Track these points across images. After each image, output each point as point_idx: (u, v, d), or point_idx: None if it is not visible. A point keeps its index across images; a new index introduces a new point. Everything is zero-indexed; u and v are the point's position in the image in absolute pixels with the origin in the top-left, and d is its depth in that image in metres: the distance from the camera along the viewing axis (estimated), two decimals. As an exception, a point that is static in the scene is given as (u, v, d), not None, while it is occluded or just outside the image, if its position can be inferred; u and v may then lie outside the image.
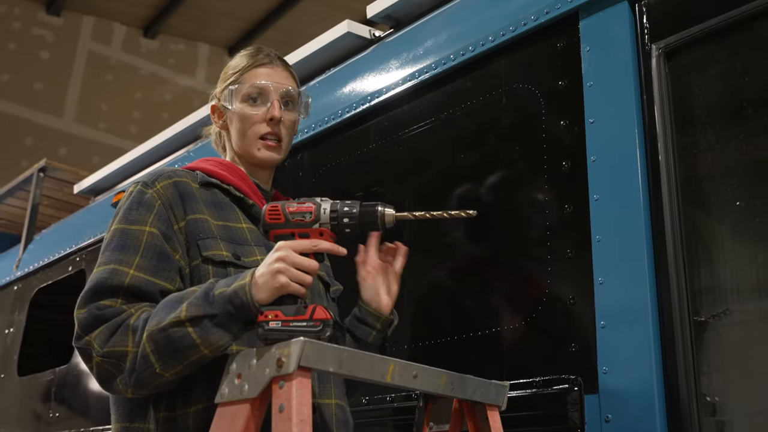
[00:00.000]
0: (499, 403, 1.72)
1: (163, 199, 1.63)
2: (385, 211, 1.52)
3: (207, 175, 1.73)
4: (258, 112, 1.77)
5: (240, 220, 1.71)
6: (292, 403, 1.29)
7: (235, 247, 1.64)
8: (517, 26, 2.14)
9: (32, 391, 4.06)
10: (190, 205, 1.65)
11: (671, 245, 1.72)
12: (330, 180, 2.64)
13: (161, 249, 1.59)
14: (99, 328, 1.49)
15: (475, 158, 2.20)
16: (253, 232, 1.70)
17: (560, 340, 1.86)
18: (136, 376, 1.46)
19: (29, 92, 10.86)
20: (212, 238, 1.63)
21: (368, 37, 2.87)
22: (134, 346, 1.46)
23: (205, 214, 1.66)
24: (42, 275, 4.35)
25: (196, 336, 1.43)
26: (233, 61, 1.86)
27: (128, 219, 1.61)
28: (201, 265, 1.60)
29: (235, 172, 1.77)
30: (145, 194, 1.64)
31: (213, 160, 1.80)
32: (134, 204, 1.63)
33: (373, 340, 1.79)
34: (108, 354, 1.47)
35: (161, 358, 1.44)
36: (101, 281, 1.54)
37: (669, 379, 1.66)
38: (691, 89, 1.85)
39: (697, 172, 1.83)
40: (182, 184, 1.67)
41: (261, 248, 1.68)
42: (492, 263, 2.10)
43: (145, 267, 1.56)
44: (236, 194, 1.74)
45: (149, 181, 1.66)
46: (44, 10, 11.18)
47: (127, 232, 1.60)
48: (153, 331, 1.44)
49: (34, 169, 5.00)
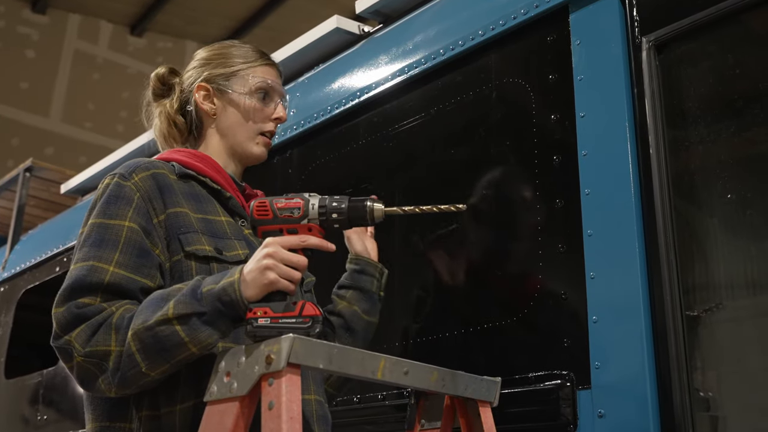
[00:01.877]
0: (491, 399, 1.72)
1: (142, 191, 1.59)
2: (374, 206, 1.51)
3: (183, 166, 1.69)
4: (266, 109, 1.79)
5: (218, 213, 1.68)
6: (282, 400, 1.28)
7: (216, 241, 1.61)
8: (507, 20, 2.13)
9: (20, 393, 4.02)
10: (169, 198, 1.61)
11: (663, 239, 1.71)
12: (320, 176, 2.62)
13: (141, 245, 1.55)
14: (79, 326, 1.45)
15: (466, 153, 2.19)
16: (231, 225, 1.68)
17: (552, 335, 1.85)
18: (121, 375, 1.43)
19: (15, 92, 10.79)
20: (194, 232, 1.59)
21: (357, 32, 2.85)
22: (118, 345, 1.43)
23: (185, 207, 1.62)
24: (29, 276, 4.31)
25: (185, 334, 1.41)
26: (234, 49, 1.83)
27: (106, 213, 1.57)
28: (183, 260, 1.57)
29: (209, 163, 1.73)
30: (123, 187, 1.59)
31: (185, 151, 1.75)
32: (112, 198, 1.58)
33: (376, 290, 1.95)
34: (90, 353, 1.43)
35: (147, 357, 1.41)
36: (80, 278, 1.49)
37: (662, 373, 1.66)
38: (681, 82, 1.84)
39: (689, 166, 1.83)
40: (160, 176, 1.63)
41: (241, 242, 1.66)
42: (483, 259, 2.09)
43: (126, 264, 1.52)
44: (213, 186, 1.70)
45: (126, 173, 1.62)
46: (29, 8, 11.11)
47: (106, 226, 1.55)
48: (139, 330, 1.41)
49: (20, 169, 4.96)
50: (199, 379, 1.49)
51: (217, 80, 1.78)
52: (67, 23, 11.35)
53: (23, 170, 4.93)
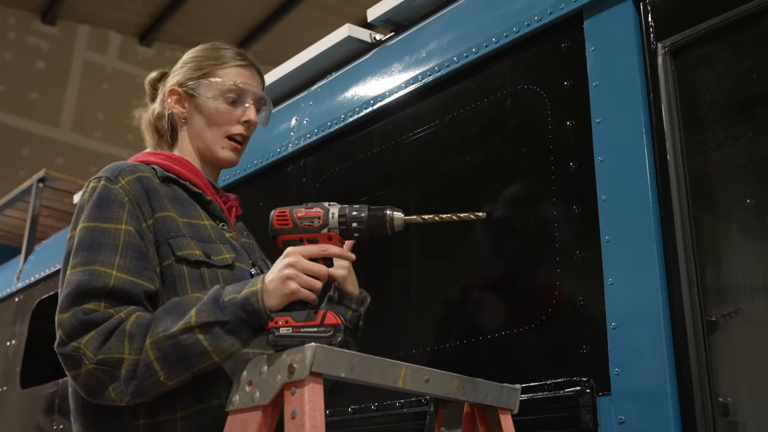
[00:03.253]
0: (511, 406, 1.71)
1: (130, 195, 1.56)
2: (393, 215, 1.50)
3: (163, 170, 1.67)
4: (234, 112, 1.75)
5: (202, 216, 1.67)
6: (305, 409, 1.28)
7: (204, 245, 1.60)
8: (521, 27, 2.13)
9: (35, 403, 4.03)
10: (156, 202, 1.59)
11: (681, 244, 1.71)
12: (334, 185, 2.63)
13: (140, 248, 1.52)
14: (89, 333, 1.41)
15: (481, 161, 2.19)
16: (215, 229, 1.67)
17: (571, 342, 1.84)
18: (137, 384, 1.40)
19: (25, 102, 10.85)
20: (182, 236, 1.58)
21: (369, 41, 2.86)
22: (132, 353, 1.40)
23: (171, 211, 1.60)
24: (43, 286, 4.33)
25: (208, 343, 1.40)
26: (207, 51, 1.81)
27: (99, 217, 1.52)
28: (174, 264, 1.55)
29: (186, 166, 1.71)
30: (111, 191, 1.56)
31: (161, 154, 1.73)
32: (102, 201, 1.55)
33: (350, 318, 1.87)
34: (102, 361, 1.39)
35: (167, 365, 1.40)
36: (83, 283, 1.45)
37: (682, 379, 1.65)
38: (698, 87, 1.84)
39: (706, 170, 1.82)
40: (146, 180, 1.61)
41: (226, 246, 1.65)
42: (501, 266, 2.09)
43: (127, 268, 1.49)
44: (194, 190, 1.69)
45: (112, 176, 1.58)
46: (39, 20, 11.18)
47: (102, 230, 1.51)
48: (159, 339, 1.40)
49: (34, 180, 4.98)
50: (197, 386, 1.48)
51: (188, 84, 1.77)
52: (77, 34, 11.41)
53: (36, 181, 4.95)
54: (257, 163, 2.92)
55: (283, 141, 2.86)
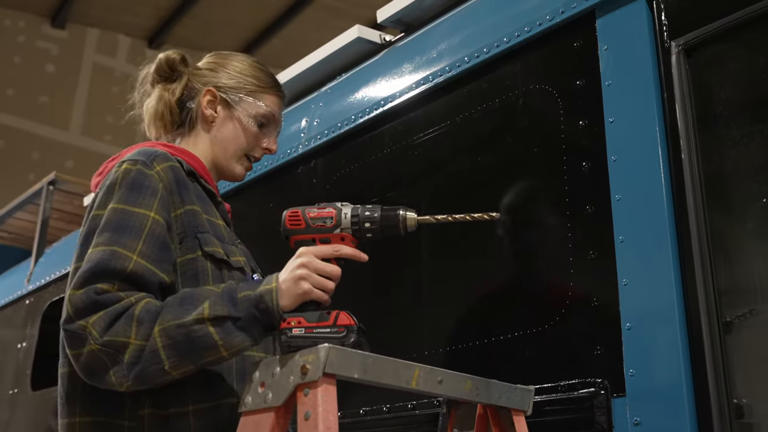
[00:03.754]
0: (524, 407, 1.70)
1: (164, 182, 1.55)
2: (406, 215, 1.49)
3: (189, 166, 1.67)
4: (261, 135, 1.79)
5: (217, 216, 1.68)
6: (318, 410, 1.27)
7: (223, 246, 1.61)
8: (532, 27, 2.12)
9: (46, 405, 4.04)
10: (186, 194, 1.59)
11: (696, 244, 1.69)
12: (344, 186, 2.62)
13: (164, 239, 1.51)
14: (97, 313, 1.38)
15: (493, 161, 2.18)
16: (227, 230, 1.69)
17: (585, 343, 1.83)
18: (139, 370, 1.37)
19: (35, 106, 10.90)
20: (208, 233, 1.58)
21: (379, 41, 2.85)
22: (139, 338, 1.37)
23: (197, 205, 1.61)
24: (54, 289, 4.34)
25: (218, 337, 1.39)
26: (254, 69, 1.82)
27: (130, 200, 1.51)
28: (199, 259, 1.55)
29: (201, 166, 1.72)
30: (146, 176, 1.54)
31: (177, 148, 1.71)
32: (136, 185, 1.53)
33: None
34: (107, 343, 1.37)
35: (174, 354, 1.37)
36: (102, 262, 1.43)
37: (698, 380, 1.64)
38: (712, 86, 1.82)
39: (721, 170, 1.80)
40: (177, 170, 1.60)
41: (239, 249, 1.68)
42: (514, 267, 2.08)
43: (148, 255, 1.47)
44: (209, 188, 1.70)
45: (148, 161, 1.57)
46: (49, 24, 11.24)
47: (130, 213, 1.49)
48: (169, 327, 1.38)
49: (44, 183, 4.99)
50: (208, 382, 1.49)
51: (228, 92, 1.77)
52: (86, 37, 11.46)
53: (47, 183, 4.97)
54: (268, 164, 2.91)
55: (293, 142, 2.85)
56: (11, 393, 4.44)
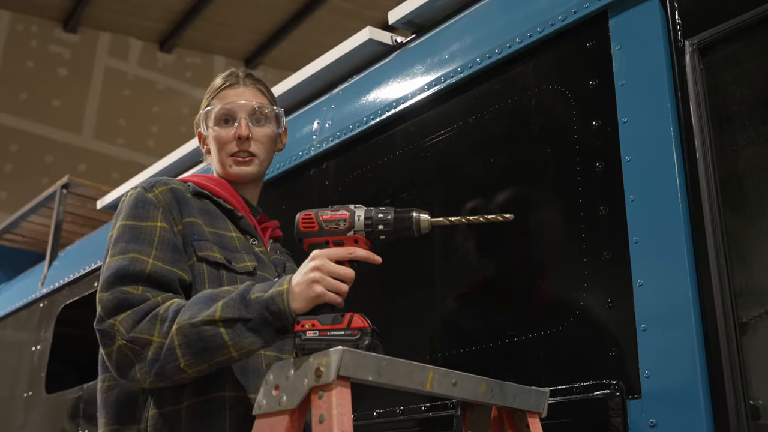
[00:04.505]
0: (539, 410, 1.69)
1: (163, 204, 1.68)
2: (420, 217, 1.49)
3: (197, 187, 1.78)
4: (228, 132, 1.83)
5: (230, 229, 1.76)
6: (333, 413, 1.27)
7: (227, 253, 1.69)
8: (545, 27, 2.11)
9: (61, 408, 4.06)
10: (185, 209, 1.70)
11: (712, 244, 1.68)
12: (356, 188, 2.62)
13: (174, 242, 1.63)
14: (125, 312, 1.50)
15: (506, 162, 2.17)
16: (241, 240, 1.76)
17: (600, 344, 1.82)
18: (159, 367, 1.46)
19: (48, 110, 10.95)
20: (206, 241, 1.68)
21: (390, 43, 2.85)
22: (160, 336, 1.46)
23: (198, 219, 1.70)
24: (67, 291, 4.36)
25: (228, 338, 1.43)
26: (211, 85, 1.91)
27: (136, 216, 1.65)
28: (196, 264, 1.64)
29: (223, 186, 1.82)
30: (146, 196, 1.68)
31: (203, 176, 1.84)
32: (140, 203, 1.67)
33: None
34: (133, 339, 1.47)
35: (188, 353, 1.44)
36: (123, 267, 1.55)
37: (714, 381, 1.62)
38: (727, 85, 1.81)
39: (736, 169, 1.79)
40: (177, 191, 1.72)
41: (250, 255, 1.73)
42: (528, 268, 2.07)
43: (162, 258, 1.59)
44: (226, 206, 1.78)
45: (147, 186, 1.71)
46: (61, 28, 11.29)
47: (138, 227, 1.63)
48: (183, 326, 1.45)
49: (57, 186, 5.01)
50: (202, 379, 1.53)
51: (200, 122, 1.89)
52: (98, 41, 11.50)
53: (60, 187, 4.98)
54: (279, 167, 2.91)
55: (305, 144, 2.85)
56: (26, 396, 4.46)
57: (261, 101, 1.86)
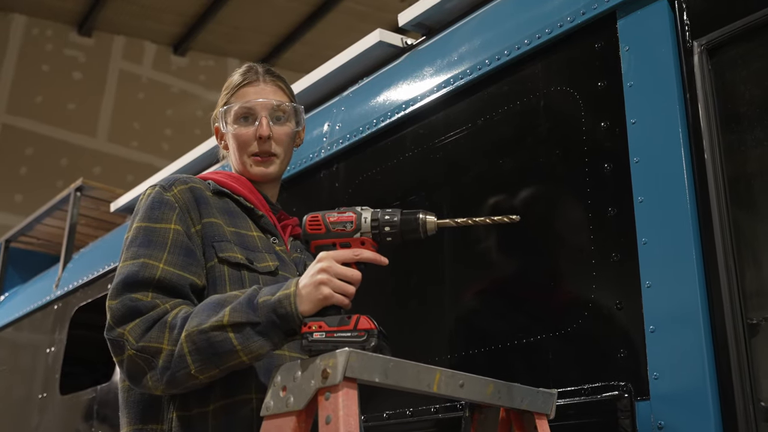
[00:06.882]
0: (547, 411, 1.69)
1: (181, 203, 1.66)
2: (426, 219, 1.50)
3: (218, 185, 1.76)
4: (248, 131, 1.81)
5: (250, 228, 1.75)
6: (339, 414, 1.28)
7: (248, 253, 1.67)
8: (553, 28, 2.11)
9: (75, 409, 4.09)
10: (205, 210, 1.68)
11: (721, 246, 1.68)
12: (366, 190, 2.63)
13: (187, 246, 1.62)
14: (134, 320, 1.49)
15: (515, 163, 2.17)
16: (262, 240, 1.74)
17: (608, 346, 1.82)
18: (170, 374, 1.46)
19: (63, 113, 11.03)
20: (227, 241, 1.66)
21: (401, 45, 2.86)
22: (170, 344, 1.46)
23: (219, 219, 1.69)
24: (81, 294, 4.39)
25: (237, 342, 1.43)
26: (227, 81, 1.89)
27: (151, 217, 1.63)
28: (217, 265, 1.63)
29: (243, 184, 1.80)
30: (164, 196, 1.67)
31: (223, 173, 1.83)
32: (156, 203, 1.65)
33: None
34: (143, 348, 1.47)
35: (198, 359, 1.44)
36: (132, 274, 1.54)
37: (723, 383, 1.62)
38: (735, 86, 1.80)
39: (745, 170, 1.78)
40: (197, 190, 1.71)
41: (272, 255, 1.72)
42: (536, 269, 2.07)
43: (174, 263, 1.58)
44: (246, 204, 1.77)
45: (166, 185, 1.69)
46: (76, 31, 11.38)
47: (152, 229, 1.62)
48: (192, 332, 1.44)
49: (71, 189, 5.05)
50: (227, 381, 1.53)
51: (218, 118, 1.86)
52: (112, 45, 11.58)
53: (74, 190, 5.02)
54: (290, 169, 2.92)
55: (315, 147, 2.86)
56: (40, 397, 4.50)
57: (281, 98, 1.84)
